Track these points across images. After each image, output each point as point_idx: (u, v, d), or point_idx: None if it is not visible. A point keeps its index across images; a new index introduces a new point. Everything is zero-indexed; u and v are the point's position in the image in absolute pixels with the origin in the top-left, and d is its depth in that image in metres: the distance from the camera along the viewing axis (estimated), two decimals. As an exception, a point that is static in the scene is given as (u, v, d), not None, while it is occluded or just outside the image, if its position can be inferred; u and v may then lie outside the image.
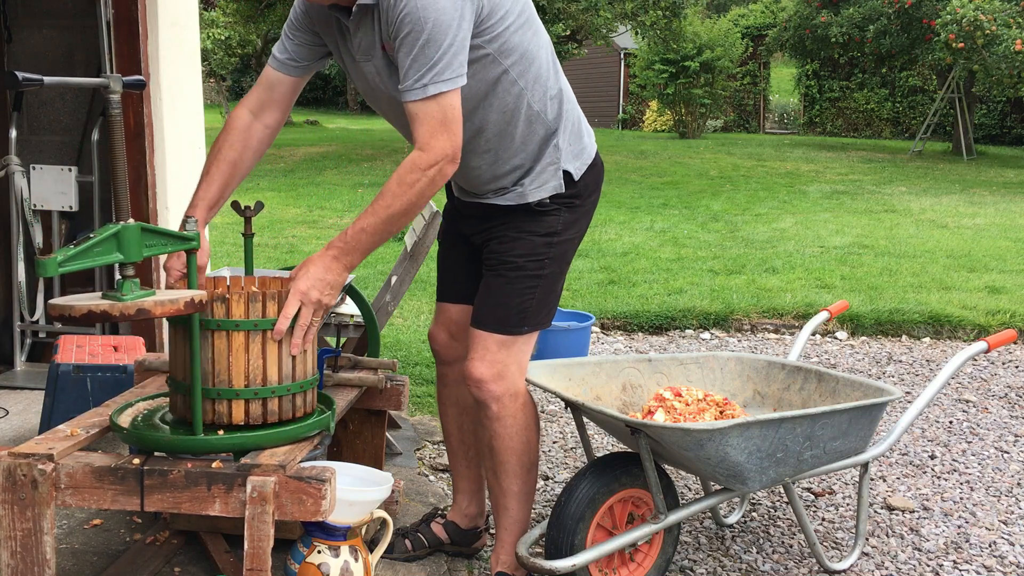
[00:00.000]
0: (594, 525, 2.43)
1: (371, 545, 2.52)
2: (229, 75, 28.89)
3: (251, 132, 2.32)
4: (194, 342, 2.03)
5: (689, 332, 5.55)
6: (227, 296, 2.02)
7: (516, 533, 2.48)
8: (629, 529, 2.45)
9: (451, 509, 2.78)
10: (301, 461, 2.09)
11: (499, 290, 2.37)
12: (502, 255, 2.37)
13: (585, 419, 2.72)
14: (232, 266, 2.89)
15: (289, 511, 2.00)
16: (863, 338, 5.50)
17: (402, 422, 3.76)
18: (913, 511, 3.17)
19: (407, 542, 2.68)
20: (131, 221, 1.94)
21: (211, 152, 2.31)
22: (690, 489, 3.31)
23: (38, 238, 4.21)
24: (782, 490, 3.24)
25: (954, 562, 2.83)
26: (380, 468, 2.83)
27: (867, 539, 2.95)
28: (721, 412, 2.65)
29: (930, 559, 2.85)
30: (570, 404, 2.53)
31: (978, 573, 2.77)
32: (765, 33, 21.72)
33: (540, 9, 13.01)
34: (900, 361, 5.03)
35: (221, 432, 2.07)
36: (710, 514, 3.05)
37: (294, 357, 2.08)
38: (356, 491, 2.23)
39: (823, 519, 3.12)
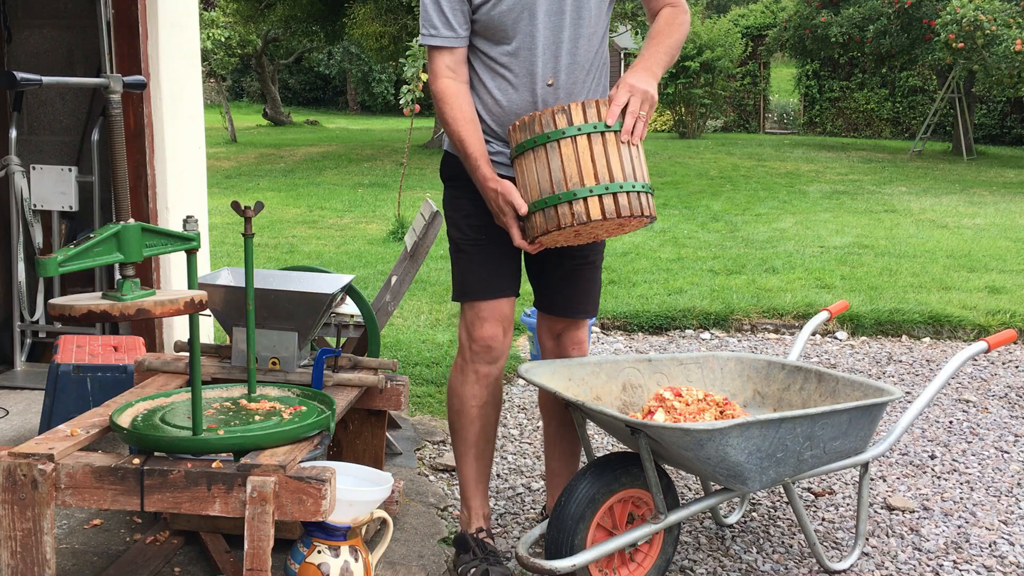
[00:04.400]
0: (594, 525, 2.43)
1: (371, 545, 2.52)
2: (229, 75, 28.89)
3: (466, 93, 2.49)
4: (195, 350, 2.03)
5: (689, 332, 5.55)
6: (567, 107, 2.29)
7: None
8: (629, 529, 2.46)
9: (479, 519, 2.66)
10: (301, 461, 2.10)
11: (596, 280, 2.73)
12: (592, 248, 2.67)
13: (585, 419, 2.72)
14: (232, 266, 2.89)
15: (289, 511, 2.00)
16: (863, 338, 5.50)
17: (402, 422, 3.76)
18: (913, 511, 3.17)
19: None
20: (131, 221, 1.94)
21: (459, 119, 2.44)
22: (690, 489, 3.31)
23: (38, 238, 4.22)
24: (782, 490, 3.24)
25: (954, 562, 2.83)
26: (380, 468, 2.83)
27: (867, 539, 2.95)
28: (721, 412, 2.65)
29: (930, 559, 2.85)
30: (570, 404, 2.53)
31: (978, 573, 2.77)
32: (765, 33, 21.72)
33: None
34: (900, 361, 5.03)
35: (216, 432, 2.07)
36: (710, 514, 3.05)
37: (633, 159, 2.32)
38: (356, 491, 2.23)
39: (823, 519, 3.12)
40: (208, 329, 4.42)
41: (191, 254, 2.10)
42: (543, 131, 2.31)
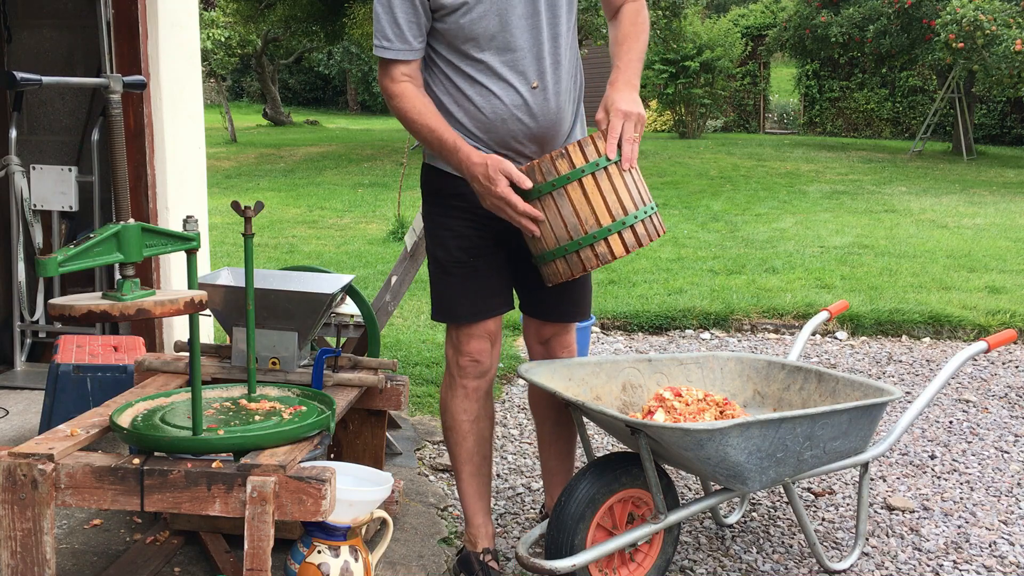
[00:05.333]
0: (594, 525, 2.43)
1: (371, 545, 2.52)
2: (229, 75, 28.89)
3: (424, 94, 2.42)
4: (195, 350, 2.03)
5: (689, 332, 5.55)
6: (565, 150, 2.26)
7: None
8: (629, 529, 2.46)
9: (484, 538, 2.65)
10: (301, 461, 2.10)
11: (587, 283, 2.68)
12: None
13: (585, 419, 2.72)
14: (232, 266, 2.89)
15: (289, 511, 2.00)
16: (863, 338, 5.50)
17: (402, 422, 3.77)
18: (913, 511, 3.18)
19: None
20: (131, 221, 1.94)
21: (424, 112, 2.36)
22: (690, 489, 3.31)
23: (38, 238, 4.22)
24: (782, 490, 3.24)
25: (954, 562, 2.83)
26: (380, 468, 2.83)
27: (867, 539, 2.95)
28: (721, 412, 2.65)
29: (930, 559, 2.85)
30: (570, 404, 2.53)
31: (978, 573, 2.77)
32: (765, 33, 21.70)
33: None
34: (900, 361, 5.03)
35: (216, 432, 2.07)
36: (710, 514, 3.05)
37: (637, 184, 2.31)
38: (356, 491, 2.23)
39: (823, 519, 3.12)
40: (208, 329, 4.42)
41: (191, 254, 2.10)
42: (546, 179, 2.26)
